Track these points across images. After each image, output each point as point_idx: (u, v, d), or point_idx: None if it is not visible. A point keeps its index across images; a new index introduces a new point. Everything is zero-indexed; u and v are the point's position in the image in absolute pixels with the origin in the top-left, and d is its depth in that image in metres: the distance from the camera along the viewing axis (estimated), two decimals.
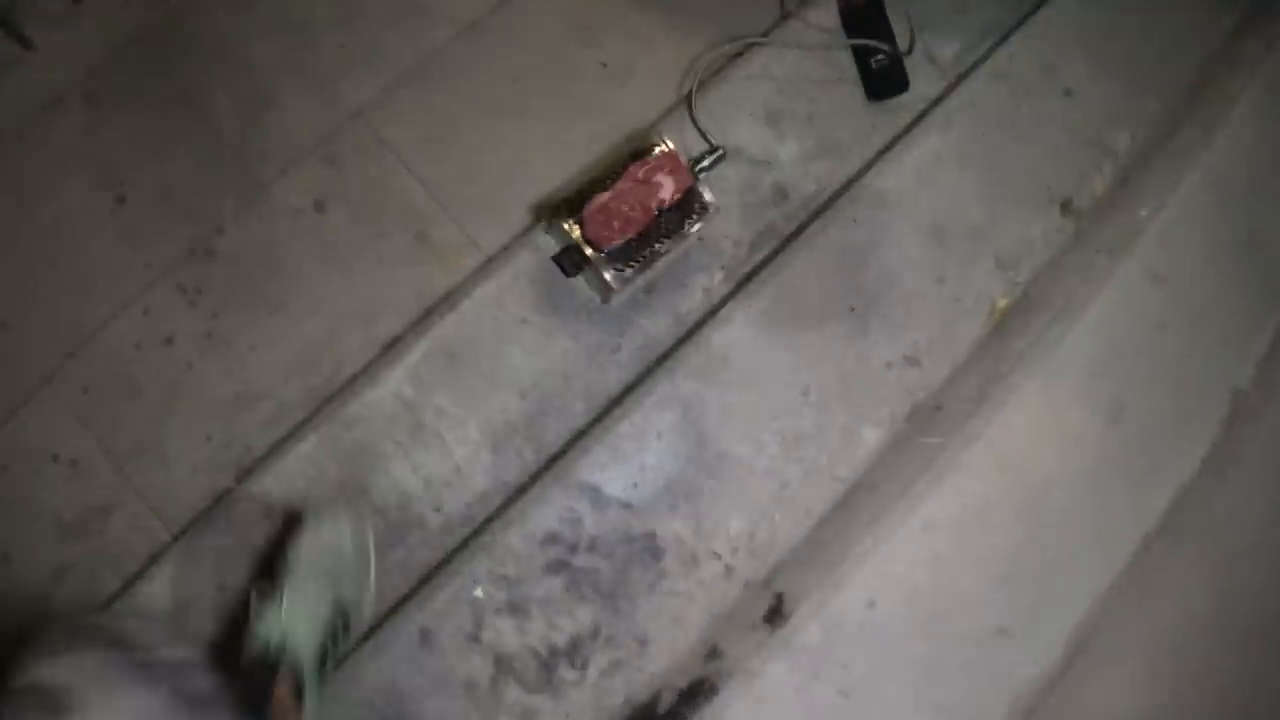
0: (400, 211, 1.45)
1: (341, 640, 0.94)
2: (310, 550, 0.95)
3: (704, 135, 1.35)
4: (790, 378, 1.23)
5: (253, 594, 0.91)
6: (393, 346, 1.35)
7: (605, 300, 1.25)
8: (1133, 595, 1.18)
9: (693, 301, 1.34)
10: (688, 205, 1.22)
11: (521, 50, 1.54)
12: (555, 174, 1.44)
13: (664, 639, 1.15)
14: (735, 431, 1.21)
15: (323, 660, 0.88)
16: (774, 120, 1.42)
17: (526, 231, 1.36)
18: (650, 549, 1.17)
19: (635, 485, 1.18)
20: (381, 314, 1.40)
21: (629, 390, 1.27)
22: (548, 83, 1.52)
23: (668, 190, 1.19)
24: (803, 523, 1.21)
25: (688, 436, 1.20)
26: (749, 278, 1.32)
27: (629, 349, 1.31)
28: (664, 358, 1.28)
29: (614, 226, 1.17)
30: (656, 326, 1.32)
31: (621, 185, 1.18)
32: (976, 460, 1.18)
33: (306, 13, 1.53)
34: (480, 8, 1.55)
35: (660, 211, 1.20)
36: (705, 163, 1.29)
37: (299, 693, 0.81)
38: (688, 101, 1.38)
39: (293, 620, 0.86)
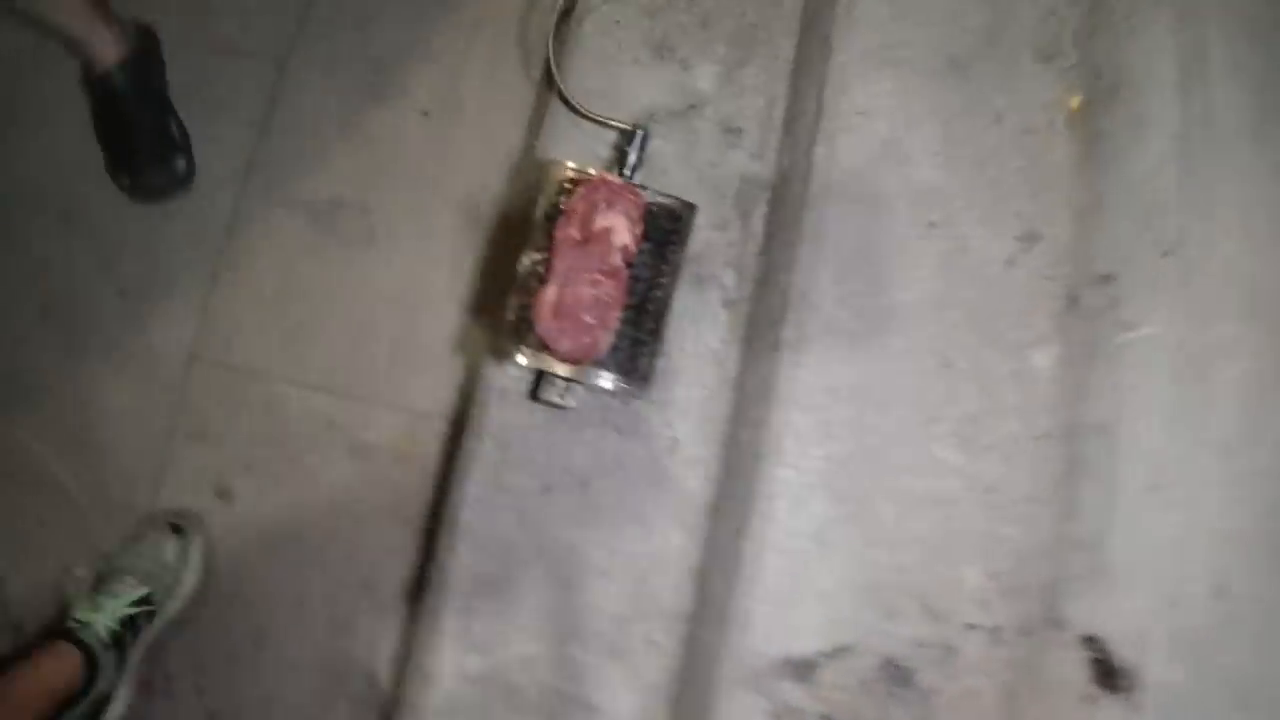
0: (311, 437, 1.06)
1: (143, 628, 1.01)
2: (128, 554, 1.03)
3: (603, 122, 0.95)
4: (918, 359, 0.87)
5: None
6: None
7: (634, 399, 0.87)
8: None
9: (717, 332, 0.97)
10: (658, 229, 0.83)
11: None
12: (454, 294, 1.05)
13: None
14: (895, 466, 0.85)
15: (117, 642, 0.97)
16: (665, 51, 1.02)
17: (474, 379, 0.97)
18: (892, 676, 0.82)
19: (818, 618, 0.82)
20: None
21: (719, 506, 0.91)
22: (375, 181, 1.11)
23: (623, 230, 0.80)
24: (1041, 518, 0.86)
25: (846, 502, 0.83)
26: (765, 277, 0.94)
27: (686, 428, 0.94)
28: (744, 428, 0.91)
29: (586, 323, 0.78)
30: (702, 386, 0.95)
31: (562, 263, 0.79)
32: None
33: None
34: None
35: (631, 264, 0.81)
36: (631, 158, 0.90)
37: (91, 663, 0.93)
38: (558, 94, 0.97)
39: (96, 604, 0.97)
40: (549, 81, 1.15)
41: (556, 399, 0.85)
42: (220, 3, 1.14)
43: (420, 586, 1.04)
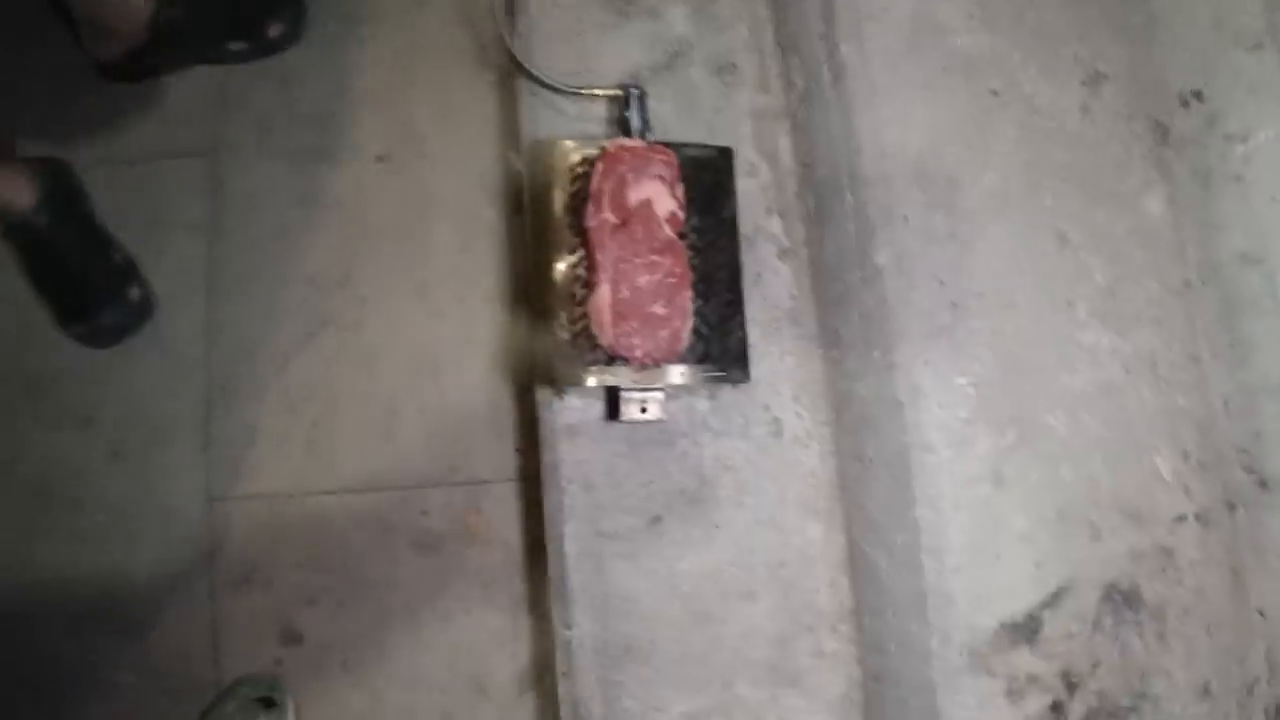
0: (367, 546, 0.92)
1: None
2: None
3: (590, 94, 0.83)
4: (1029, 242, 0.74)
5: None
6: None
7: (735, 384, 0.74)
8: None
9: (783, 288, 0.85)
10: (699, 186, 0.71)
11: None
12: (474, 342, 0.93)
13: None
14: (1046, 367, 0.72)
15: None
16: (627, 6, 0.90)
17: (530, 425, 0.85)
18: (1118, 603, 0.70)
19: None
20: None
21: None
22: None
23: (664, 197, 0.68)
24: (1213, 376, 0.75)
25: (1009, 427, 0.71)
26: (820, 210, 0.82)
27: (784, 405, 0.82)
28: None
29: (657, 315, 0.66)
30: (786, 353, 0.83)
31: (605, 255, 0.66)
32: None
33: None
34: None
35: (684, 234, 0.69)
36: (635, 120, 0.78)
37: None
38: (530, 83, 0.85)
39: None
40: (511, 82, 1.03)
41: (641, 414, 0.72)
42: (126, 111, 1.01)
43: (544, 674, 0.91)
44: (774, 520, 0.82)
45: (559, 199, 0.70)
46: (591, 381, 0.67)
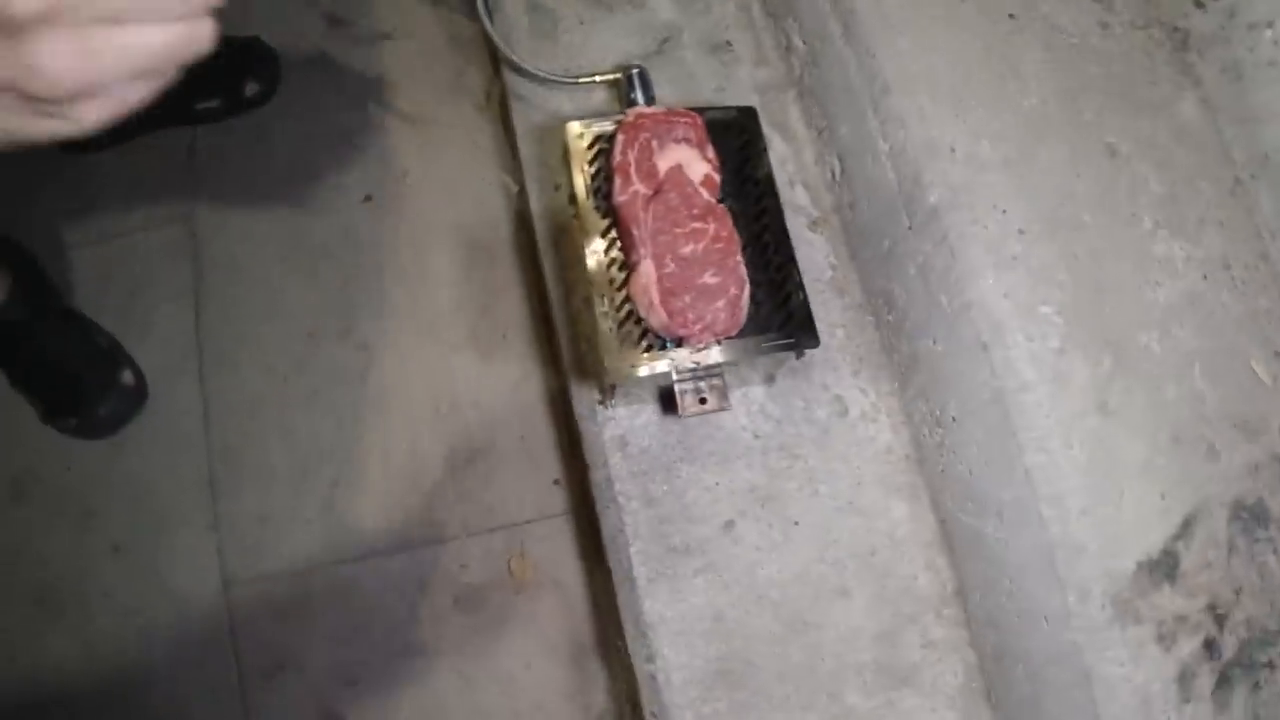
0: (404, 611, 0.83)
1: None
2: None
3: (590, 80, 0.79)
4: (1081, 161, 0.70)
5: None
6: None
7: (811, 346, 0.67)
8: None
9: (820, 259, 0.79)
10: (728, 149, 0.66)
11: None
12: (491, 369, 0.85)
13: None
14: (1127, 285, 0.67)
15: None
16: None
17: (571, 447, 0.77)
18: (1248, 521, 0.63)
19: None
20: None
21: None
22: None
23: (695, 160, 0.63)
24: None
25: (1104, 352, 0.65)
26: (847, 172, 0.77)
27: (844, 380, 0.76)
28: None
29: (710, 285, 0.60)
30: (835, 325, 0.77)
31: (643, 229, 0.60)
32: None
33: None
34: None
35: (722, 197, 0.63)
36: (640, 98, 0.73)
37: None
38: (521, 73, 0.81)
39: None
40: (493, 102, 0.99)
41: (700, 406, 0.65)
42: (94, 187, 0.95)
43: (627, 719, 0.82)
44: (854, 505, 0.74)
45: (581, 180, 0.64)
46: (643, 371, 0.61)
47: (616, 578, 0.74)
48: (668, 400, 0.68)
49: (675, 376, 0.62)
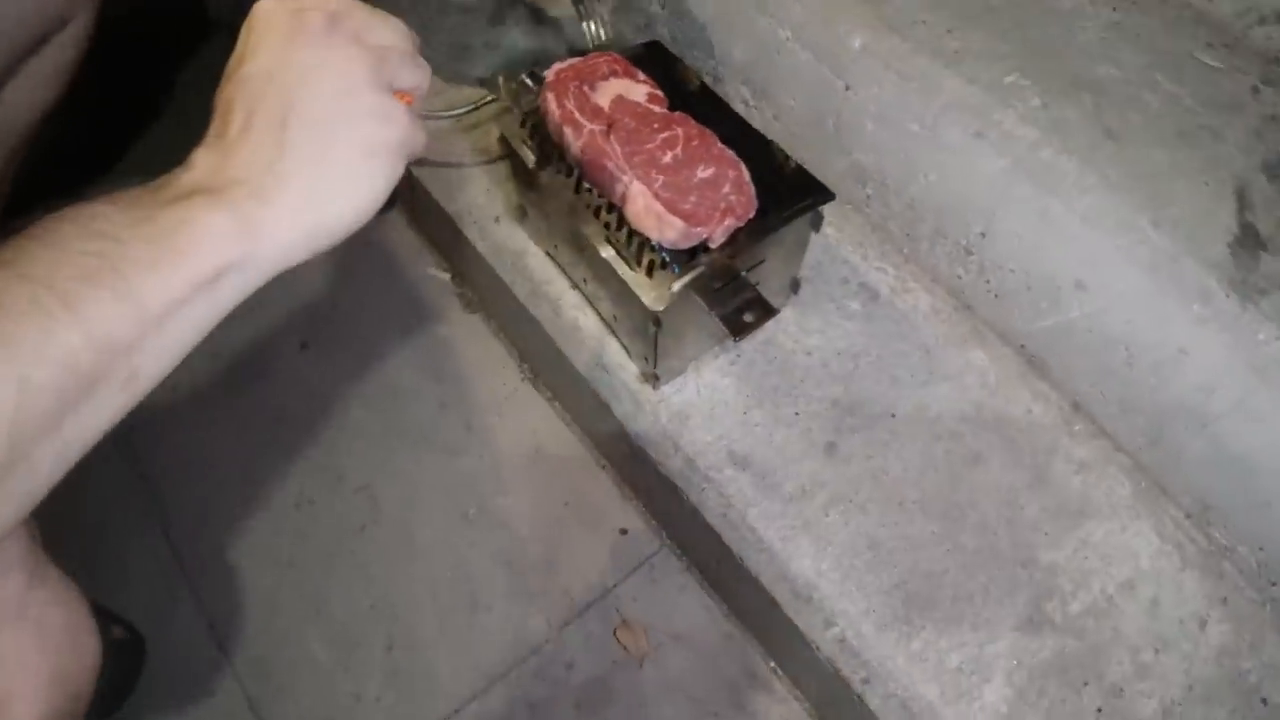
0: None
1: None
2: None
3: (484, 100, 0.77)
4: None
5: None
6: None
7: (829, 199, 0.63)
8: None
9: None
10: (657, 78, 0.64)
11: None
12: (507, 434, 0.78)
13: None
14: None
15: None
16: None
17: (629, 478, 0.69)
18: None
19: None
20: None
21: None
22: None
23: (634, 87, 0.61)
24: None
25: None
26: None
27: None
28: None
29: (708, 177, 0.56)
30: (840, 209, 0.75)
31: (614, 160, 0.57)
32: None
33: None
34: None
35: (673, 106, 0.61)
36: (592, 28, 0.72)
37: None
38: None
39: None
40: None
41: (750, 320, 0.59)
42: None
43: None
44: (936, 374, 0.69)
45: (529, 154, 0.60)
46: (684, 281, 0.55)
47: (750, 563, 0.64)
48: (734, 322, 0.60)
49: (715, 286, 0.57)
